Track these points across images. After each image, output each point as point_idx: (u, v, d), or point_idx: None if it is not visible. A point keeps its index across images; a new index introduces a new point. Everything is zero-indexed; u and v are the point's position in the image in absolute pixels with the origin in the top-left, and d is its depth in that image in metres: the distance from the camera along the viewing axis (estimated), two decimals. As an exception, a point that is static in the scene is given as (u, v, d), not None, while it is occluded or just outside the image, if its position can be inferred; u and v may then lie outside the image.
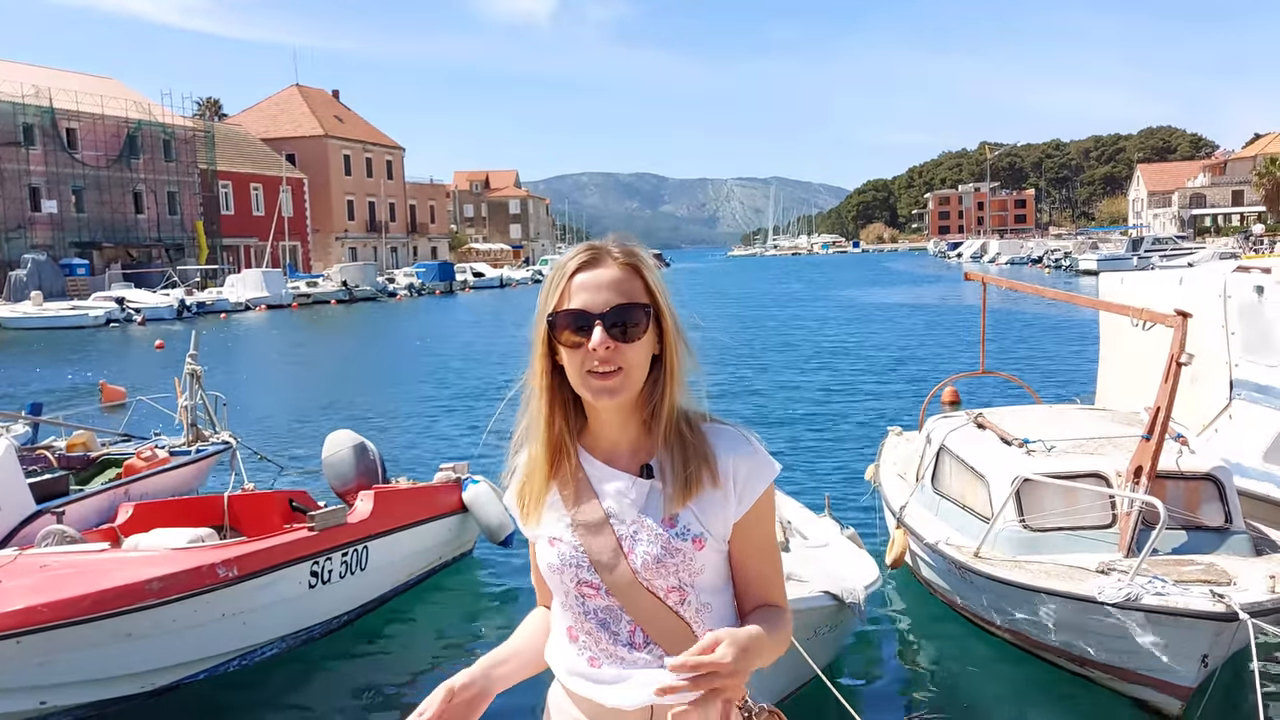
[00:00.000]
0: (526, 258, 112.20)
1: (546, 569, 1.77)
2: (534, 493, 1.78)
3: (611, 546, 1.71)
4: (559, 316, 1.68)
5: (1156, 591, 5.24)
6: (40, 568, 6.00)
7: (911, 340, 27.11)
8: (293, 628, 6.77)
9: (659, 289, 1.72)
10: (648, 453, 1.75)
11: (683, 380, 1.75)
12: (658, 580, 1.70)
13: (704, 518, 1.72)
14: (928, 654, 6.78)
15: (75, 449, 9.77)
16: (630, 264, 1.70)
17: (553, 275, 1.72)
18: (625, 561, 1.70)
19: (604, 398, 1.68)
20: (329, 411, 17.67)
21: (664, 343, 1.72)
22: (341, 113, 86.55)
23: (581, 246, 1.74)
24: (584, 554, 1.72)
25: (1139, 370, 7.84)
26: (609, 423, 1.75)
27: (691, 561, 1.71)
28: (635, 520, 1.72)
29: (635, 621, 1.71)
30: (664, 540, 1.69)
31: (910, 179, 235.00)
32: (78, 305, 43.63)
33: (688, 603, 1.72)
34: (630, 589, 1.70)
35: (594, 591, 1.72)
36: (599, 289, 1.67)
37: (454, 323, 41.70)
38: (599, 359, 1.65)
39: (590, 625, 1.74)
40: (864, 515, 8.96)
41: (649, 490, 1.72)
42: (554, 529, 1.76)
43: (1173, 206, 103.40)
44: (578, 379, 1.68)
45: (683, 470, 1.71)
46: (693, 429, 1.75)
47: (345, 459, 8.29)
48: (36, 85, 54.05)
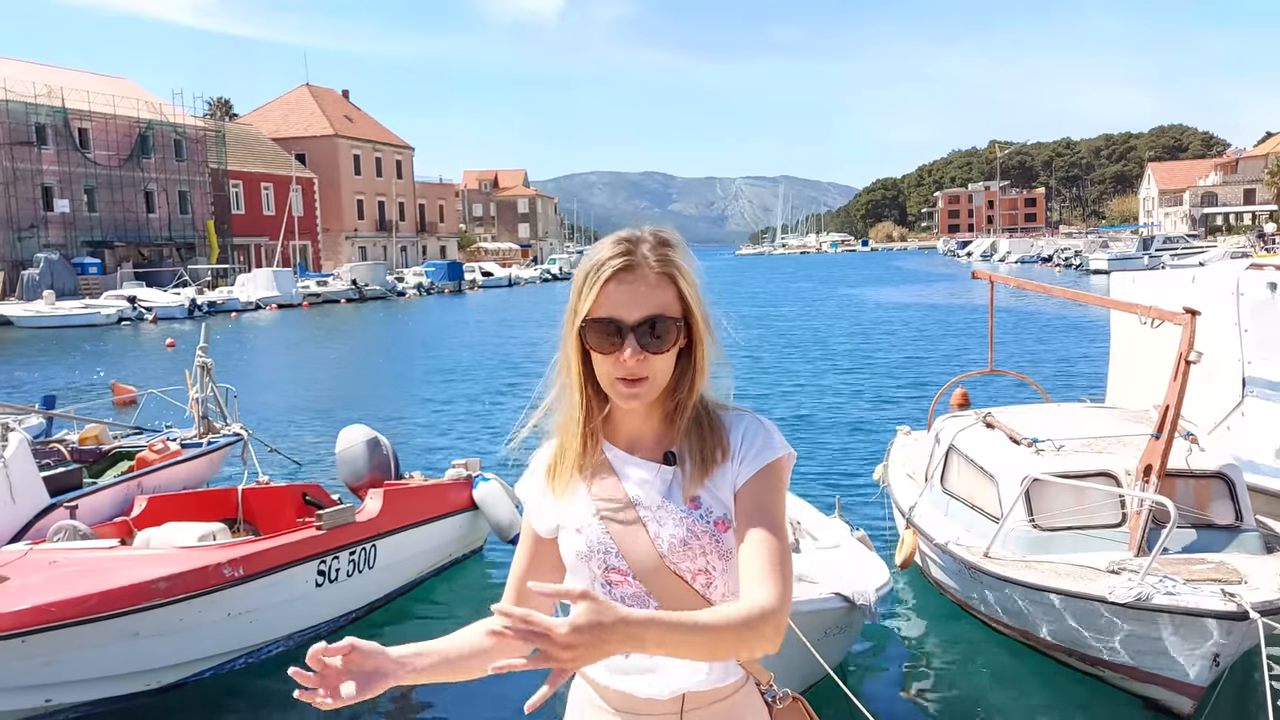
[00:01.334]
0: (535, 257, 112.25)
1: (574, 557, 1.78)
2: (562, 482, 1.80)
3: (638, 532, 1.73)
4: (591, 323, 1.69)
5: (1167, 591, 5.22)
6: (49, 564, 6.02)
7: (920, 339, 27.05)
8: (299, 626, 6.79)
9: (693, 295, 1.72)
10: (670, 441, 1.77)
11: (707, 375, 1.77)
12: (684, 563, 1.72)
13: (722, 497, 1.73)
14: (938, 654, 6.77)
15: (88, 442, 9.83)
16: (666, 273, 1.70)
17: (587, 273, 1.71)
18: (652, 546, 1.72)
19: (631, 402, 1.72)
20: (341, 407, 17.73)
21: (693, 341, 1.74)
22: (351, 112, 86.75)
23: (618, 245, 1.70)
24: (611, 540, 1.74)
25: (1150, 369, 7.81)
26: (633, 415, 1.78)
27: (718, 543, 1.72)
28: (660, 505, 1.74)
29: (662, 606, 1.71)
30: (688, 523, 1.72)
31: (920, 178, 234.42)
32: (90, 304, 43.88)
33: (714, 586, 1.73)
34: (657, 573, 1.72)
35: (621, 578, 1.74)
36: (632, 299, 1.67)
37: (463, 321, 41.76)
38: (628, 370, 1.67)
39: None
40: (873, 515, 8.95)
41: (672, 476, 1.75)
42: (580, 518, 1.78)
43: (1184, 205, 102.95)
44: (607, 382, 1.71)
45: (700, 452, 1.74)
46: (710, 415, 1.78)
47: (359, 454, 8.32)
48: (49, 85, 54.32)
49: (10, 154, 52.02)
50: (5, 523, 7.20)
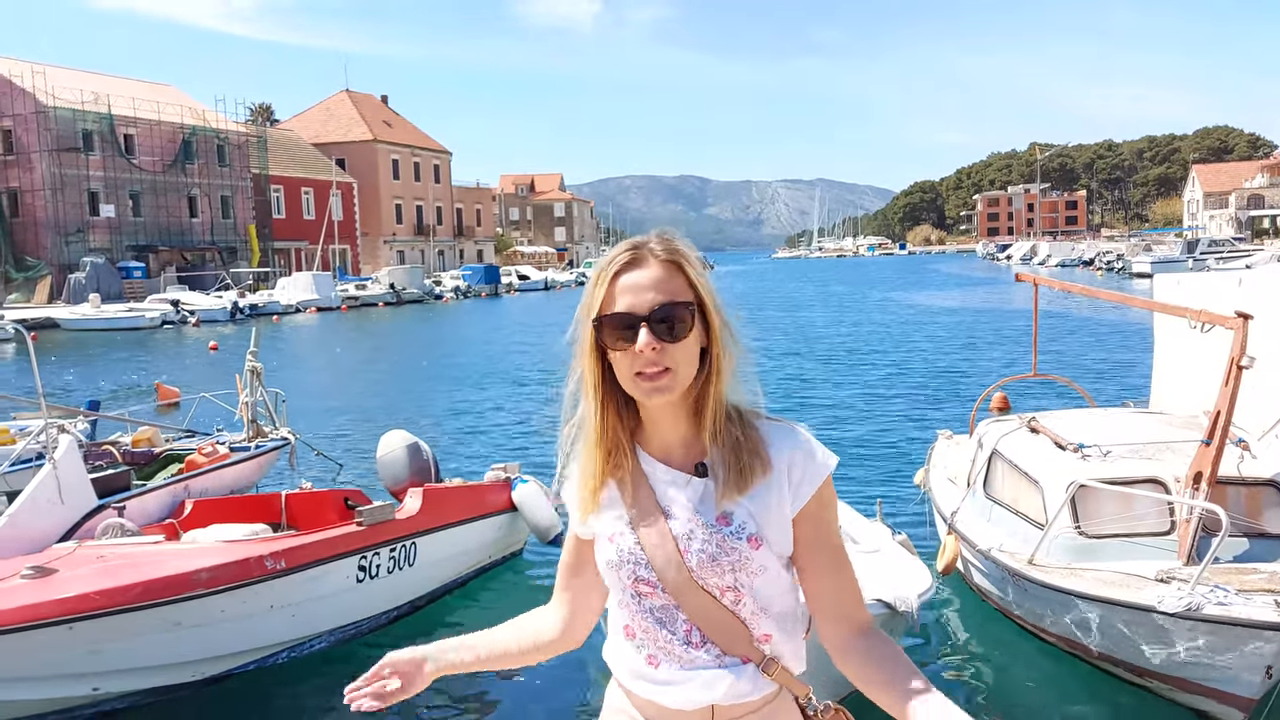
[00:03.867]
0: (571, 260, 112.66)
1: (605, 566, 1.77)
2: (590, 491, 1.78)
3: (667, 544, 1.70)
4: (604, 320, 1.67)
5: (1218, 601, 5.13)
6: (97, 558, 6.15)
7: (960, 343, 26.80)
8: (340, 621, 6.86)
9: (702, 284, 1.70)
10: (701, 450, 1.73)
11: (730, 374, 1.73)
12: (712, 579, 1.69)
13: (759, 516, 1.69)
14: (980, 662, 6.68)
15: (140, 444, 9.96)
16: (672, 261, 1.69)
17: (596, 276, 1.71)
18: (681, 559, 1.69)
19: (654, 396, 1.68)
20: (382, 410, 17.90)
21: (710, 336, 1.71)
22: (390, 118, 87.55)
23: (623, 246, 1.72)
24: (641, 551, 1.71)
25: (1196, 374, 7.67)
26: (661, 420, 1.74)
27: (748, 561, 1.68)
28: (690, 518, 1.70)
29: (691, 620, 1.70)
30: (718, 539, 1.68)
31: (958, 180, 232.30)
32: (134, 307, 44.70)
33: (743, 603, 1.70)
34: (685, 587, 1.69)
35: (651, 589, 1.72)
36: (642, 289, 1.66)
37: (501, 325, 41.98)
38: (646, 361, 1.64)
39: (648, 623, 1.74)
40: (913, 520, 8.87)
41: (703, 488, 1.71)
42: (612, 526, 1.76)
43: (1230, 208, 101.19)
44: (628, 380, 1.68)
45: (735, 464, 1.69)
46: (744, 424, 1.74)
47: (399, 458, 8.39)
48: (96, 92, 55.39)
49: (58, 160, 53.10)
50: (53, 523, 7.31)
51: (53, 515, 7.29)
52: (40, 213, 53.41)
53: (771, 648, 1.73)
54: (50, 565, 5.93)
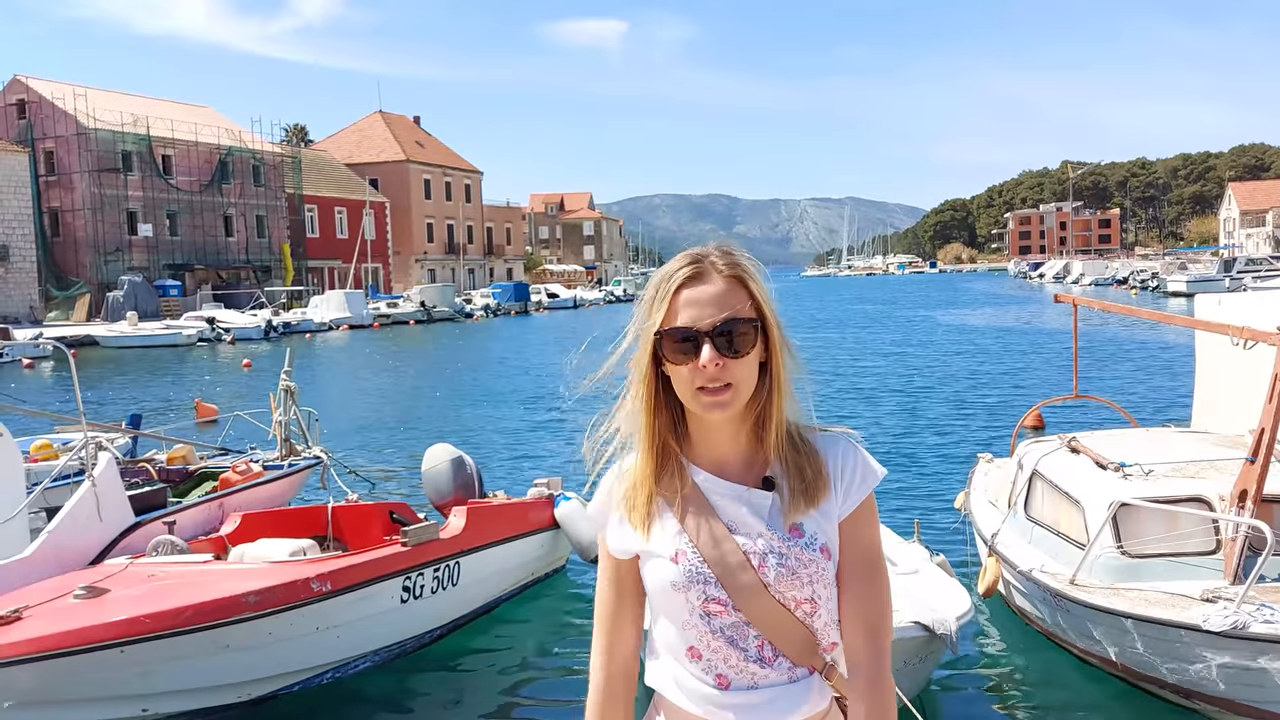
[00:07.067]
0: (600, 278, 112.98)
1: (668, 587, 1.72)
2: (640, 505, 1.75)
3: (739, 560, 1.68)
4: (665, 334, 1.67)
5: (1265, 619, 5.08)
6: (148, 577, 6.24)
7: (996, 364, 26.61)
8: (386, 641, 6.90)
9: (765, 299, 1.70)
10: (762, 464, 1.74)
11: (790, 389, 1.74)
12: (790, 592, 1.69)
13: (825, 527, 1.72)
14: (1023, 685, 6.61)
15: (175, 462, 10.11)
16: (735, 275, 1.69)
17: (657, 287, 1.70)
18: (756, 575, 1.68)
19: (715, 411, 1.67)
20: (420, 426, 18.05)
21: (770, 351, 1.71)
22: (422, 138, 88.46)
23: (685, 258, 1.71)
24: (709, 570, 1.69)
25: (1239, 392, 7.61)
26: (719, 435, 1.73)
27: (824, 572, 1.70)
28: (761, 533, 1.70)
29: (763, 635, 1.70)
30: (796, 551, 1.69)
31: (989, 198, 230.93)
32: (171, 325, 45.38)
33: (818, 614, 1.72)
34: (761, 602, 1.68)
35: (721, 608, 1.70)
36: (705, 305, 1.65)
37: (533, 342, 42.16)
38: (709, 376, 1.64)
39: (718, 643, 1.71)
40: (952, 543, 8.83)
41: (771, 502, 1.71)
42: (670, 545, 1.72)
43: (1267, 226, 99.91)
44: (688, 395, 1.67)
45: (801, 479, 1.71)
46: (804, 438, 1.75)
47: (443, 473, 8.43)
48: (135, 114, 56.46)
49: (98, 180, 54.15)
50: (92, 539, 7.38)
51: (91, 532, 7.38)
52: (80, 232, 54.46)
53: (833, 655, 1.75)
54: (101, 585, 6.00)
